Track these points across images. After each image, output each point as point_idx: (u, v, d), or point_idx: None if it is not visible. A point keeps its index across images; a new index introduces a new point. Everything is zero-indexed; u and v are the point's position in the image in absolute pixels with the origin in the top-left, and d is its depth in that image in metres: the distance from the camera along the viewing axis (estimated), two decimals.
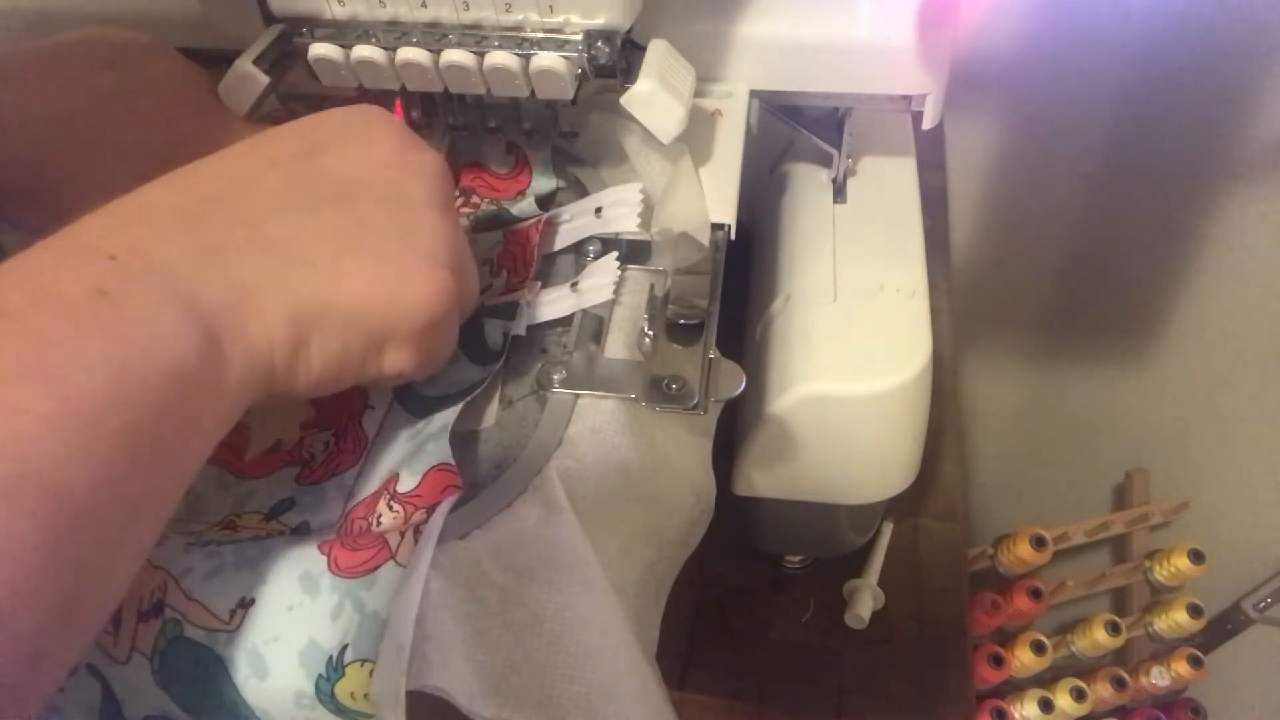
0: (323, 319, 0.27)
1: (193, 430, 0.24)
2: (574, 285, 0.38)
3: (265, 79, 0.37)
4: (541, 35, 0.36)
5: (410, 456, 0.33)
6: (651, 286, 0.39)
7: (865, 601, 0.55)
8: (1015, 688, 0.85)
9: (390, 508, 0.32)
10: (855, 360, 0.41)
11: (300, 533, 0.32)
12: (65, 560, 0.20)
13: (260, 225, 0.27)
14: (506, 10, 0.35)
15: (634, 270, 0.39)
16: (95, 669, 0.28)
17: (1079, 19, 0.70)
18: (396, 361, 0.29)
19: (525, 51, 0.36)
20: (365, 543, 0.29)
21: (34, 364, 0.21)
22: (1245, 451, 0.91)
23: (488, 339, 0.37)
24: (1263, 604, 0.91)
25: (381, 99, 0.41)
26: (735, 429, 0.47)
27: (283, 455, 0.35)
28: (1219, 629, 0.93)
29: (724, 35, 0.42)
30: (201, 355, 0.24)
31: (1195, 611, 0.88)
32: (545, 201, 0.43)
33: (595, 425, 0.33)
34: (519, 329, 0.37)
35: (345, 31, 0.37)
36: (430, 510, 0.30)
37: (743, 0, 0.42)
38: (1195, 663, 0.88)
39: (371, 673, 0.26)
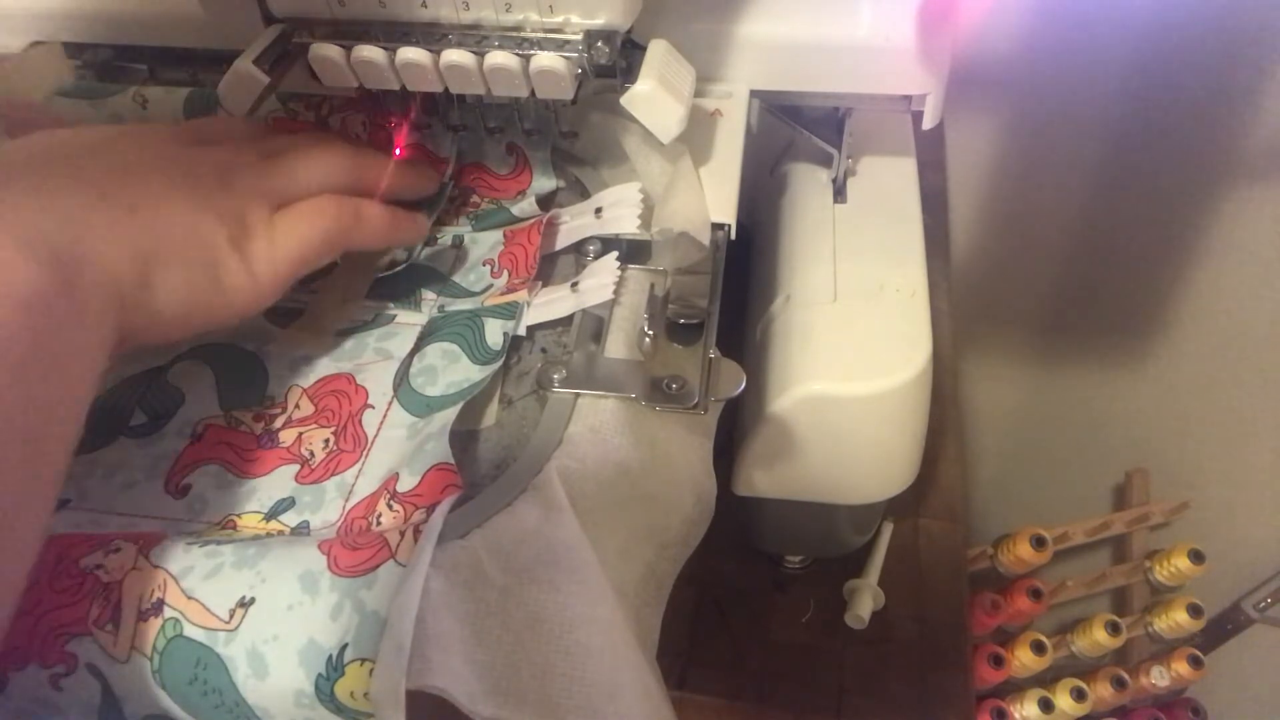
0: (159, 254, 0.30)
1: (59, 363, 0.25)
2: (574, 285, 0.38)
3: (265, 79, 0.37)
4: (541, 35, 0.36)
5: (410, 456, 0.33)
6: (651, 286, 0.39)
7: (865, 601, 0.55)
8: (1015, 688, 0.85)
9: (390, 507, 0.32)
10: (855, 360, 0.41)
11: (300, 532, 0.33)
12: None
13: (86, 172, 0.30)
14: (506, 10, 0.35)
15: (634, 270, 0.39)
16: (95, 669, 0.28)
17: (1079, 19, 0.70)
18: (241, 288, 0.32)
19: (525, 51, 0.35)
20: (365, 542, 0.29)
21: None
22: (1245, 451, 0.91)
23: (488, 339, 0.37)
24: (1263, 604, 0.91)
25: (382, 99, 0.41)
26: (735, 429, 0.47)
27: (282, 454, 0.35)
28: (1219, 629, 0.93)
29: (724, 35, 0.42)
30: (50, 287, 0.25)
31: (1195, 611, 0.88)
32: (545, 201, 0.43)
33: (595, 425, 0.33)
34: (519, 329, 0.37)
35: (345, 31, 0.37)
36: (430, 510, 0.30)
37: (743, 0, 0.42)
38: (1195, 663, 0.88)
39: (371, 672, 0.26)
